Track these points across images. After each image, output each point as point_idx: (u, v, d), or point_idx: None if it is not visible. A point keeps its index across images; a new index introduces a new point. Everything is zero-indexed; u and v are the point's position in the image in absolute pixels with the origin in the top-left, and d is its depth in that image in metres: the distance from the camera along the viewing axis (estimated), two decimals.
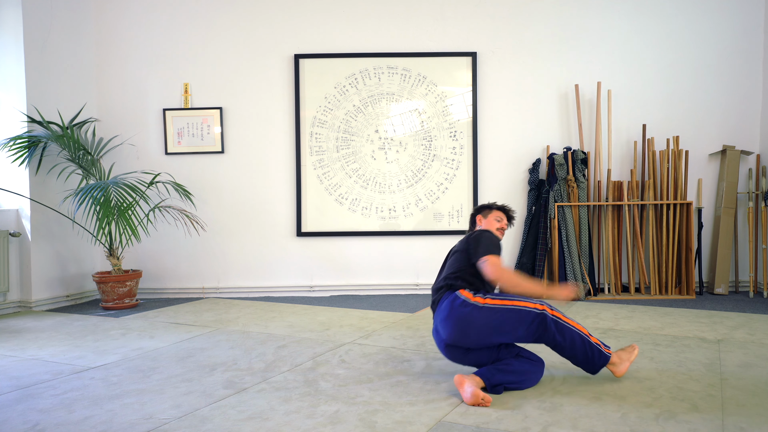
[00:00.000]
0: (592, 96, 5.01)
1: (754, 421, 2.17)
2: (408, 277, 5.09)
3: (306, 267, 5.10)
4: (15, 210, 4.59)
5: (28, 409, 2.37)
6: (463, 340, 2.51)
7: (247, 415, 2.26)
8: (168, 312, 4.36)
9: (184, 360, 3.05)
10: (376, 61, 5.04)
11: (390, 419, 2.20)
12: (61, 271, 4.78)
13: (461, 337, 2.50)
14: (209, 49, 5.08)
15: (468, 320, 2.46)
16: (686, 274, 4.78)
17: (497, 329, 2.46)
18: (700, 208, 4.95)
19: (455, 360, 2.63)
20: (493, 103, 5.06)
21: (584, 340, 2.50)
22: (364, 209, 5.08)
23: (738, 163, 4.85)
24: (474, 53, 5.01)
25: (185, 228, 5.00)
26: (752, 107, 4.99)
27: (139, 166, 5.07)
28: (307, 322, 3.94)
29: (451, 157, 5.05)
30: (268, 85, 5.08)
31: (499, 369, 2.46)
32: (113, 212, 4.33)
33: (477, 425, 2.14)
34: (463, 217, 5.06)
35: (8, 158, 4.48)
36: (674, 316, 3.96)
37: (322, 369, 2.85)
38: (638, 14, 5.00)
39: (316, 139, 5.07)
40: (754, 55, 4.97)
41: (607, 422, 2.16)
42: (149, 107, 5.11)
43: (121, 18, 5.10)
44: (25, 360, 3.11)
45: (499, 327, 2.45)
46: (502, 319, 2.45)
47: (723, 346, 3.20)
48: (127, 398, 2.48)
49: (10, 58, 4.56)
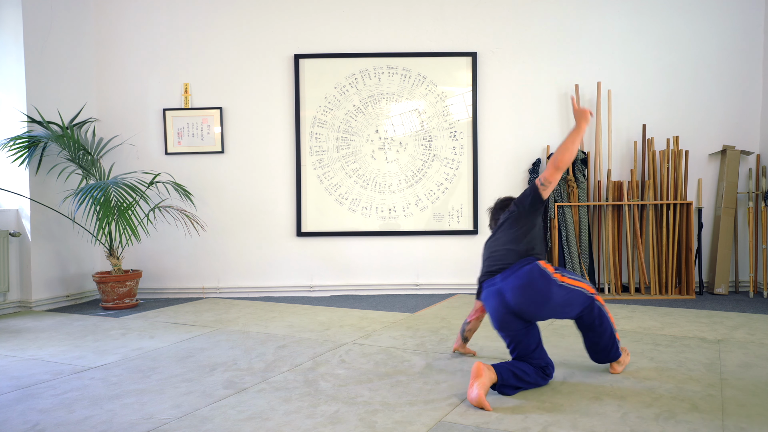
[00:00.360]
0: (592, 96, 5.01)
1: (754, 421, 2.17)
2: (408, 277, 5.09)
3: (306, 267, 5.10)
4: (15, 210, 4.59)
5: (28, 409, 2.37)
6: (530, 310, 2.50)
7: (247, 415, 2.26)
8: (168, 312, 4.37)
9: (184, 360, 3.05)
10: (376, 61, 5.04)
11: (390, 419, 2.20)
12: (61, 271, 4.78)
13: (532, 307, 2.50)
14: (209, 49, 5.08)
15: (545, 294, 2.48)
16: (686, 274, 4.78)
17: (563, 307, 2.53)
18: (700, 208, 4.95)
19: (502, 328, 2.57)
20: (493, 103, 5.06)
21: (612, 333, 2.64)
22: (364, 209, 5.08)
23: (738, 163, 4.85)
24: (474, 53, 5.01)
25: (185, 228, 5.00)
26: (752, 107, 4.99)
27: (139, 166, 5.07)
28: (307, 322, 3.94)
29: (451, 157, 5.05)
30: (268, 85, 5.08)
31: (517, 375, 2.46)
32: (113, 212, 4.33)
33: (477, 425, 2.14)
34: (463, 217, 5.06)
35: (8, 158, 4.48)
36: (674, 316, 3.96)
37: (322, 369, 2.85)
38: (638, 14, 5.00)
39: (316, 139, 5.07)
40: (754, 55, 4.97)
41: (607, 422, 2.16)
42: (149, 107, 5.11)
43: (121, 18, 5.10)
44: (25, 360, 3.11)
45: (565, 305, 2.53)
46: (570, 298, 2.53)
47: (723, 346, 3.20)
48: (127, 398, 2.48)
49: (10, 58, 4.56)
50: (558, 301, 2.50)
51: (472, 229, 5.04)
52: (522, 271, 2.51)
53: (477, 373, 2.36)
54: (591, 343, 2.66)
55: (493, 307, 2.58)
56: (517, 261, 2.55)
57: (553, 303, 2.50)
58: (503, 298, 2.53)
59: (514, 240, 2.62)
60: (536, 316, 2.53)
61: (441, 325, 3.79)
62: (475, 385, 2.33)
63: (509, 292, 2.51)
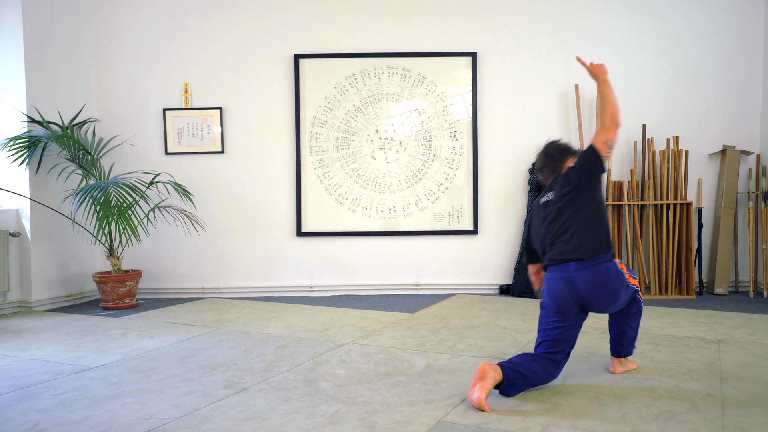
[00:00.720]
0: (592, 96, 5.00)
1: (754, 421, 2.17)
2: (408, 277, 5.09)
3: (306, 267, 5.10)
4: (15, 210, 4.59)
5: (28, 409, 2.37)
6: (596, 304, 2.54)
7: (247, 415, 2.26)
8: (168, 312, 4.36)
9: (184, 360, 3.05)
10: (376, 61, 5.04)
11: (390, 419, 2.20)
12: (61, 271, 4.78)
13: (600, 302, 2.53)
14: (209, 49, 5.08)
15: (616, 293, 2.52)
16: (686, 274, 4.78)
17: (621, 303, 2.60)
18: (700, 208, 4.95)
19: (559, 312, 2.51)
20: (493, 103, 5.06)
21: (638, 329, 2.72)
22: (364, 209, 5.08)
23: (738, 163, 4.85)
24: (474, 53, 5.01)
25: (185, 228, 5.00)
26: (752, 107, 4.99)
27: (139, 166, 5.07)
28: (307, 322, 3.94)
29: (451, 157, 5.05)
30: (268, 85, 5.08)
31: (524, 375, 2.41)
32: (113, 212, 4.33)
33: (477, 425, 2.14)
34: (463, 217, 5.06)
35: (8, 158, 4.48)
36: (674, 316, 3.96)
37: (322, 369, 2.85)
38: (638, 14, 5.00)
39: (316, 139, 5.07)
40: (754, 55, 4.97)
41: (607, 422, 2.16)
42: (149, 107, 5.11)
43: (121, 18, 5.10)
44: (25, 360, 3.11)
45: (623, 302, 2.60)
46: (627, 295, 2.60)
47: (723, 346, 3.20)
48: (127, 398, 2.48)
49: (10, 58, 4.56)
50: (622, 299, 2.57)
51: (472, 229, 5.04)
52: (600, 267, 2.50)
53: (481, 375, 2.33)
54: (619, 330, 2.69)
55: (558, 293, 2.53)
56: (595, 255, 2.51)
57: (618, 302, 2.56)
58: (574, 288, 2.50)
59: (587, 224, 2.54)
60: (597, 309, 2.57)
61: (441, 325, 3.79)
62: (477, 387, 2.30)
63: (583, 285, 2.49)
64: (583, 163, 2.58)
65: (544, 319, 2.56)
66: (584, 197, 2.55)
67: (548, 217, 2.62)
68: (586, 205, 2.55)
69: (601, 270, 2.48)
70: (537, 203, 2.73)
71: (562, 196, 2.58)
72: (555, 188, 2.64)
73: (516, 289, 4.89)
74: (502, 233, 5.08)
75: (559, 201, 2.59)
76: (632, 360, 2.84)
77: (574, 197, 2.56)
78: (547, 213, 2.64)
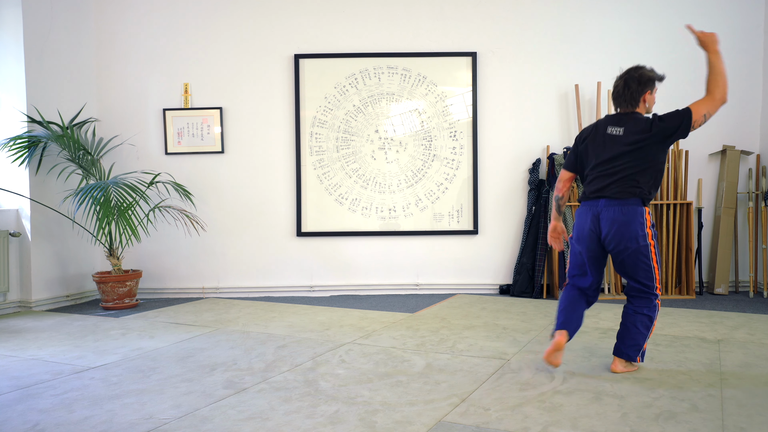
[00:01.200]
0: (592, 96, 5.01)
1: (754, 421, 2.17)
2: (408, 277, 5.09)
3: (306, 267, 5.10)
4: (15, 210, 4.59)
5: (28, 409, 2.37)
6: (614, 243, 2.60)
7: (247, 415, 2.26)
8: (168, 312, 4.37)
9: (184, 360, 3.05)
10: (376, 61, 5.04)
11: (390, 419, 2.20)
12: (61, 271, 4.78)
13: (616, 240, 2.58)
14: (209, 49, 5.08)
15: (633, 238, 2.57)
16: (686, 274, 4.78)
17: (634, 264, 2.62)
18: (700, 208, 4.95)
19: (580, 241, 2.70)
20: (493, 103, 5.06)
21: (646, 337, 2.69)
22: (364, 209, 5.08)
23: (738, 163, 4.85)
24: (474, 53, 5.01)
25: (185, 228, 5.00)
26: (752, 107, 4.99)
27: (139, 166, 5.07)
28: (307, 322, 3.94)
29: (451, 157, 5.05)
30: (268, 85, 5.08)
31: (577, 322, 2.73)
32: (113, 212, 4.33)
33: (477, 425, 2.14)
34: (463, 217, 5.06)
35: (8, 158, 4.48)
36: (674, 316, 3.96)
37: (322, 369, 2.85)
38: (638, 14, 5.00)
39: (316, 139, 5.07)
40: (754, 55, 4.97)
41: (607, 422, 2.16)
42: (149, 107, 5.11)
43: (121, 18, 5.10)
44: (25, 360, 3.11)
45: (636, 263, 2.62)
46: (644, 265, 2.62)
47: (723, 346, 3.20)
48: (127, 398, 2.48)
49: (10, 58, 4.56)
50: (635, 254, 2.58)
51: (472, 229, 5.04)
52: (627, 208, 2.56)
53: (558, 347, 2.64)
54: (625, 326, 2.71)
55: (582, 225, 2.70)
56: (629, 197, 2.56)
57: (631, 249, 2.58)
58: (597, 224, 2.63)
59: (641, 171, 2.57)
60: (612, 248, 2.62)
61: (441, 325, 3.79)
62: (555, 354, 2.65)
63: (605, 221, 2.59)
64: (672, 124, 2.55)
65: (572, 250, 2.80)
66: (651, 153, 2.57)
67: (606, 151, 2.63)
68: (647, 161, 2.57)
69: (627, 210, 2.57)
70: (597, 128, 2.70)
71: (632, 143, 2.58)
72: (627, 126, 2.61)
73: (516, 289, 4.89)
74: (502, 233, 5.08)
75: (626, 144, 2.59)
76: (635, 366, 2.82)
77: (642, 148, 2.57)
78: (607, 147, 2.64)
